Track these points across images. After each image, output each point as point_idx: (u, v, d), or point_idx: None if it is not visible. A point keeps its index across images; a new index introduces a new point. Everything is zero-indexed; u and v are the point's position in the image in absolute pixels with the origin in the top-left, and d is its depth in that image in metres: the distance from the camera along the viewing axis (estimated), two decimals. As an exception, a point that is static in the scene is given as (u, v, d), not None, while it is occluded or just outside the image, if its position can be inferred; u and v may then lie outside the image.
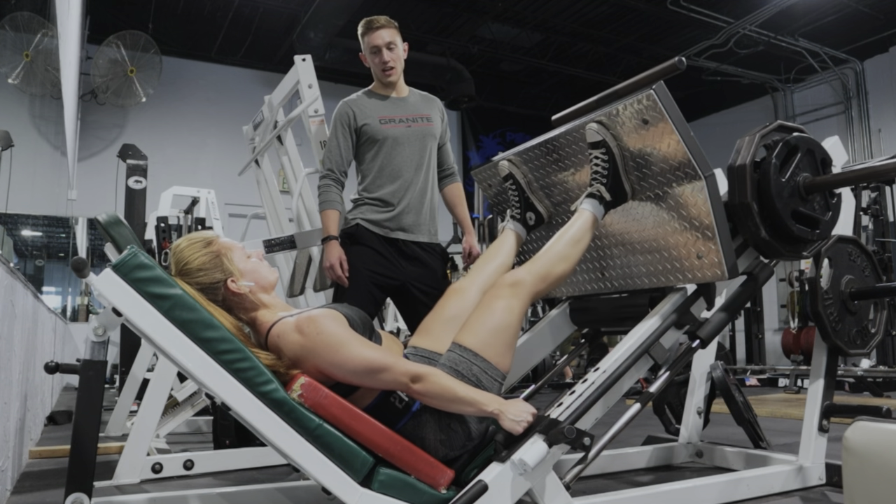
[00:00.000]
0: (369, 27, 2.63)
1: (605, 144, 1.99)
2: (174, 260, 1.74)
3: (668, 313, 1.95)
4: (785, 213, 1.98)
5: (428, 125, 2.72)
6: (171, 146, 8.97)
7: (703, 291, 2.01)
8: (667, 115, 1.83)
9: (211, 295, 1.71)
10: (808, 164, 2.07)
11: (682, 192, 1.91)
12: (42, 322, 3.85)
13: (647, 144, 1.94)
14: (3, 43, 6.99)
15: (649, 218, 2.03)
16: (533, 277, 1.88)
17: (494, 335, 1.78)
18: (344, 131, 2.66)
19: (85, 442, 1.55)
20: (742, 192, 1.97)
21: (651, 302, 2.06)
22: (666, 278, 2.03)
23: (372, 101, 2.70)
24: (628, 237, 2.12)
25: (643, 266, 2.10)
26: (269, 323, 1.70)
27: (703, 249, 1.88)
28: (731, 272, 1.86)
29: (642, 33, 9.16)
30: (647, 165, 1.97)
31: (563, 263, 1.93)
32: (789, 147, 2.03)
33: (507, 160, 2.36)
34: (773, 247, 2.01)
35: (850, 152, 9.15)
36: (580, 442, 1.67)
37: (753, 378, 6.85)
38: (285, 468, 2.83)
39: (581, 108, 2.27)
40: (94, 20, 8.01)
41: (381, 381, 1.62)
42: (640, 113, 1.88)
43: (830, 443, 2.31)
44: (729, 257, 1.86)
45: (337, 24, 8.03)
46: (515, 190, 2.35)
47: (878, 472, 1.10)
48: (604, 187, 2.00)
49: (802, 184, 2.03)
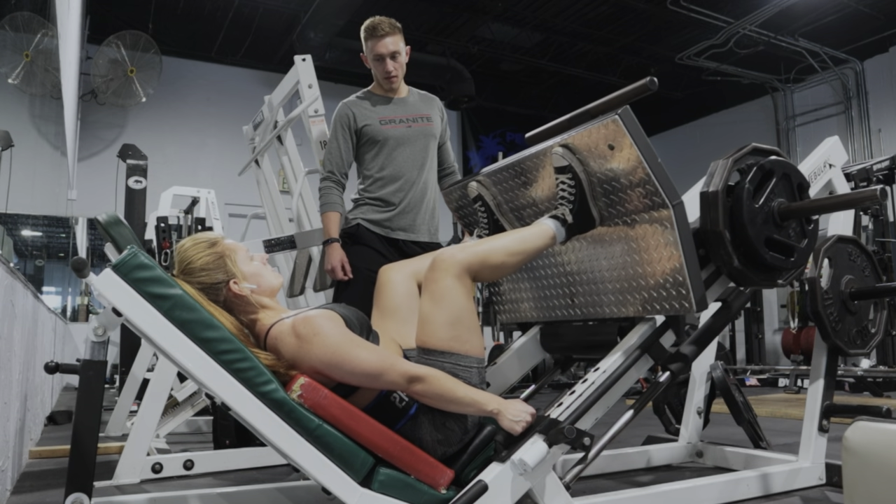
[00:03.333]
0: (373, 33, 2.60)
1: (571, 169, 1.90)
2: (178, 259, 1.75)
3: (633, 348, 1.87)
4: (758, 241, 1.89)
5: (428, 125, 2.72)
6: (171, 146, 8.97)
7: (671, 323, 1.91)
8: (632, 141, 1.75)
9: (212, 295, 1.71)
10: (784, 189, 1.99)
11: (650, 220, 1.83)
12: (42, 322, 3.85)
13: (614, 170, 1.85)
14: (3, 43, 6.99)
15: (617, 245, 1.94)
16: (468, 255, 1.78)
17: (452, 326, 1.73)
18: (344, 133, 2.66)
19: (85, 442, 1.55)
20: (714, 219, 1.88)
21: (620, 331, 1.97)
22: (634, 308, 1.93)
23: (372, 101, 2.70)
24: (597, 264, 2.03)
25: (611, 294, 2.00)
26: (267, 325, 1.71)
27: (671, 280, 1.80)
28: (698, 305, 1.77)
29: (642, 33, 9.16)
30: (615, 192, 1.88)
31: (504, 255, 1.83)
32: (764, 171, 1.95)
33: (477, 181, 2.28)
34: (746, 276, 1.92)
35: (850, 152, 9.15)
36: (580, 442, 1.67)
37: (753, 378, 6.85)
38: (285, 468, 2.83)
39: (552, 128, 2.16)
40: (94, 20, 8.01)
41: (379, 381, 1.62)
42: (606, 138, 1.80)
43: (830, 443, 2.31)
44: (697, 290, 1.77)
45: (337, 24, 8.02)
46: (485, 212, 2.27)
47: (878, 472, 1.10)
48: (569, 211, 1.93)
49: (777, 210, 1.94)
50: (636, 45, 9.50)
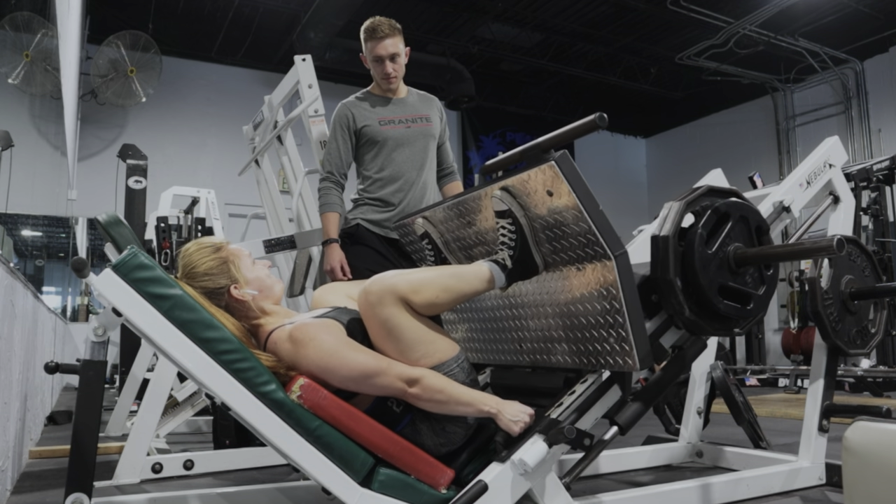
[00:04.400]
0: (373, 35, 2.60)
1: (511, 214, 1.80)
2: (182, 263, 1.76)
3: (576, 401, 1.75)
4: (711, 290, 1.78)
5: (427, 125, 2.72)
6: (171, 146, 8.97)
7: (616, 379, 1.79)
8: (570, 188, 1.64)
9: (215, 300, 1.72)
10: (741, 232, 1.88)
11: (593, 269, 1.72)
12: (42, 322, 3.85)
13: (555, 216, 1.74)
14: (3, 43, 6.99)
15: (562, 294, 1.83)
16: (401, 283, 1.65)
17: (412, 350, 1.65)
18: (343, 134, 2.66)
19: (85, 442, 1.55)
20: (664, 266, 1.77)
21: (566, 382, 1.85)
22: (580, 360, 1.81)
23: (371, 102, 2.70)
24: (543, 311, 1.91)
25: (557, 343, 1.89)
26: (268, 330, 1.72)
27: (614, 335, 1.69)
28: (643, 363, 1.66)
29: (642, 33, 9.16)
30: (558, 238, 1.77)
31: (437, 290, 1.69)
32: (719, 214, 1.84)
33: (423, 218, 2.20)
34: (698, 325, 1.80)
35: (850, 152, 9.16)
36: (580, 442, 1.67)
37: (753, 378, 6.85)
38: (285, 468, 2.83)
39: (505, 160, 2.02)
40: (94, 20, 8.01)
41: (375, 385, 1.61)
42: (545, 183, 1.69)
43: (830, 443, 2.31)
44: (641, 346, 1.65)
45: (337, 24, 8.02)
46: (431, 249, 2.20)
47: (878, 472, 1.10)
48: (508, 257, 1.83)
49: (732, 255, 1.84)
50: (636, 45, 9.51)
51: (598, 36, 9.24)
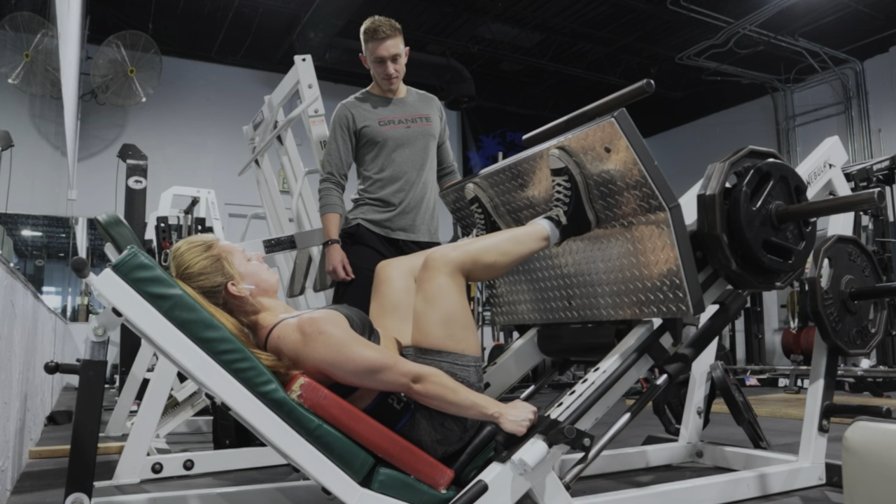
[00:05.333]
0: (374, 36, 2.59)
1: (567, 171, 1.90)
2: (174, 263, 1.74)
3: (631, 350, 1.86)
4: (756, 244, 1.88)
5: (427, 125, 2.72)
6: (171, 146, 8.97)
7: (668, 326, 1.91)
8: (628, 143, 1.75)
9: (212, 298, 1.71)
10: (781, 191, 1.98)
11: (646, 222, 1.83)
12: (42, 322, 3.85)
13: (610, 172, 1.85)
14: (3, 43, 6.98)
15: (614, 248, 1.94)
16: (460, 253, 1.77)
17: (446, 325, 1.73)
18: (343, 134, 2.66)
19: (85, 442, 1.55)
20: (711, 223, 1.87)
21: (617, 334, 1.96)
22: (631, 311, 1.93)
23: (371, 103, 2.70)
24: (594, 267, 2.03)
25: (609, 297, 2.00)
26: (269, 325, 1.71)
27: (668, 283, 1.79)
28: (695, 308, 1.76)
29: (642, 33, 9.16)
30: (612, 194, 1.88)
31: (496, 255, 1.82)
32: (761, 174, 1.94)
33: (473, 183, 2.29)
34: (743, 278, 1.91)
35: (850, 152, 9.15)
36: (580, 442, 1.67)
37: (753, 378, 6.85)
38: (285, 468, 2.83)
39: (549, 130, 2.17)
40: (94, 20, 8.01)
41: (380, 381, 1.62)
42: (603, 140, 1.80)
43: (830, 443, 2.31)
44: (694, 293, 1.76)
45: (337, 24, 8.02)
46: (482, 213, 2.28)
47: (878, 472, 1.10)
48: (563, 213, 1.92)
49: (775, 212, 1.94)
50: (636, 45, 9.50)
51: (598, 36, 9.24)
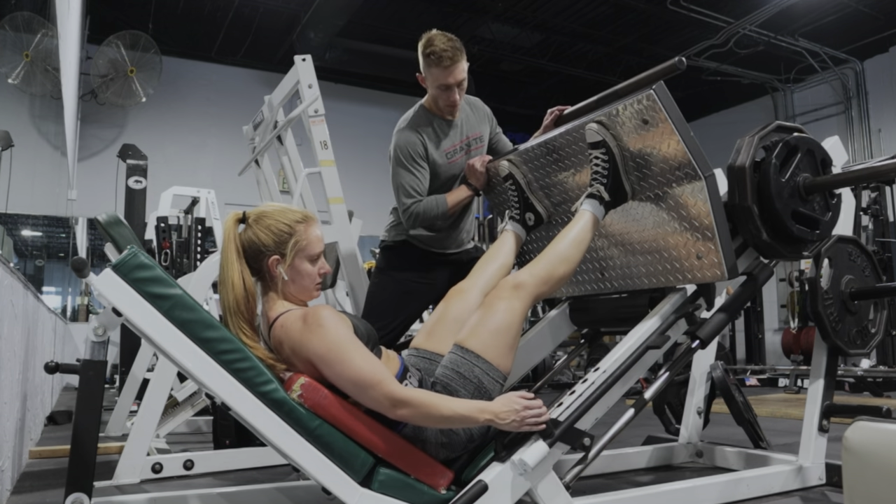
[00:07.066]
0: (439, 62, 2.34)
1: (605, 144, 1.98)
2: (262, 207, 1.75)
3: (667, 314, 1.95)
4: (785, 214, 1.97)
5: (481, 146, 2.64)
6: (171, 146, 8.97)
7: (702, 292, 2.00)
8: (667, 115, 1.82)
9: (252, 254, 1.69)
10: (808, 164, 2.07)
11: (682, 192, 1.91)
12: (42, 322, 3.85)
13: (647, 145, 1.93)
14: (3, 43, 6.99)
15: (649, 218, 2.03)
16: (535, 280, 1.88)
17: (496, 336, 1.78)
18: (420, 162, 2.49)
19: (85, 442, 1.55)
20: (742, 194, 1.96)
21: (651, 302, 2.05)
22: (665, 279, 2.02)
23: (433, 126, 2.53)
24: (628, 237, 2.12)
25: (643, 266, 2.09)
26: (278, 312, 1.69)
27: (703, 250, 1.88)
28: (730, 273, 1.86)
29: (642, 33, 9.16)
30: (647, 166, 1.96)
31: (565, 265, 1.93)
32: (789, 147, 2.02)
33: (507, 160, 2.35)
34: (773, 248, 2.00)
35: (850, 152, 9.15)
36: (580, 442, 1.67)
37: (753, 378, 6.84)
38: (285, 468, 2.83)
39: (581, 108, 2.28)
40: (94, 20, 8.01)
41: (363, 394, 1.57)
42: (640, 113, 1.87)
43: (830, 443, 2.31)
44: (729, 258, 1.85)
45: (337, 24, 8.02)
46: (515, 190, 2.33)
47: (878, 472, 1.10)
48: (603, 187, 1.99)
49: (802, 184, 2.02)
50: (636, 45, 9.50)
51: (598, 36, 9.24)
